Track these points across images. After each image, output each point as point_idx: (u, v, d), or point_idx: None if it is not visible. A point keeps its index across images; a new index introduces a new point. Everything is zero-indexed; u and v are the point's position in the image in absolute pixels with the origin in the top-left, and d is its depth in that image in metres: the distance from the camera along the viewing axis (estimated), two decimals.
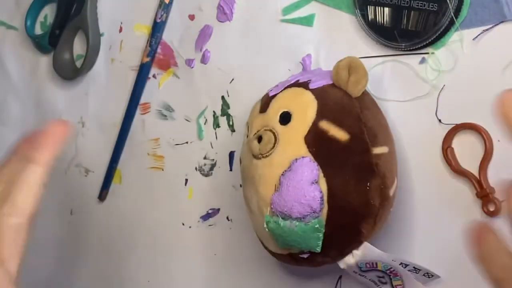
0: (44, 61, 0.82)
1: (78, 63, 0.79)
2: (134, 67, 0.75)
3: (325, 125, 0.55)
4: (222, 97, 0.70)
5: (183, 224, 0.73)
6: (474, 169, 0.56)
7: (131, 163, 0.76)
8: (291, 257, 0.57)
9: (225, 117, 0.70)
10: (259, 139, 0.57)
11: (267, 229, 0.56)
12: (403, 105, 0.59)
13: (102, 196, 0.78)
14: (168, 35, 0.72)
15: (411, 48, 0.58)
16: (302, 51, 0.64)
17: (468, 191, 0.57)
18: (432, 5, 0.56)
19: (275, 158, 0.55)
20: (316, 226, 0.53)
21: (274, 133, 0.56)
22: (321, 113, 0.55)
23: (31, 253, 0.91)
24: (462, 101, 0.57)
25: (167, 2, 0.71)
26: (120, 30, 0.76)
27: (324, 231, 0.54)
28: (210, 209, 0.71)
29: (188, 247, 0.73)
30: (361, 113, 0.56)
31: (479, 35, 0.56)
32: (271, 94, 0.59)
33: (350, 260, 0.56)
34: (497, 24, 0.55)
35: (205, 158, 0.71)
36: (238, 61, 0.68)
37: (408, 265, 0.57)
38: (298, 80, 0.59)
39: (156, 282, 0.76)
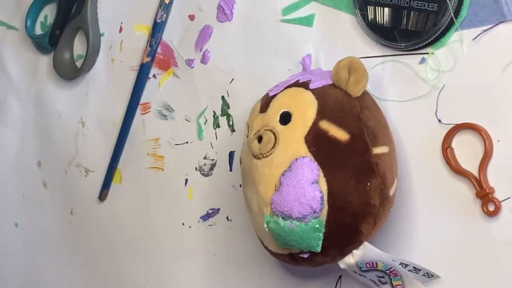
0: (44, 61, 0.82)
1: (78, 63, 0.78)
2: (134, 67, 0.75)
3: (325, 125, 0.55)
4: (222, 97, 0.70)
5: (183, 224, 0.73)
6: (474, 169, 0.56)
7: (131, 163, 0.76)
8: (291, 257, 0.57)
9: (225, 117, 0.70)
10: (259, 139, 0.57)
11: (267, 229, 0.56)
12: (403, 105, 0.59)
13: (102, 196, 0.78)
14: (168, 35, 0.72)
15: (411, 48, 0.58)
16: (302, 51, 0.64)
17: (468, 191, 0.57)
18: (432, 5, 0.56)
19: (275, 158, 0.55)
20: (316, 226, 0.53)
21: (274, 133, 0.56)
22: (321, 113, 0.55)
23: (30, 253, 0.91)
24: (462, 101, 0.57)
25: (167, 2, 0.71)
26: (120, 30, 0.76)
27: (324, 231, 0.54)
28: (210, 209, 0.71)
29: (188, 247, 0.73)
30: (361, 113, 0.56)
31: (479, 35, 0.56)
32: (271, 94, 0.59)
33: (350, 260, 0.56)
34: (497, 24, 0.55)
35: (205, 158, 0.71)
36: (238, 61, 0.68)
37: (408, 265, 0.57)
38: (298, 80, 0.59)
39: (156, 282, 0.76)
